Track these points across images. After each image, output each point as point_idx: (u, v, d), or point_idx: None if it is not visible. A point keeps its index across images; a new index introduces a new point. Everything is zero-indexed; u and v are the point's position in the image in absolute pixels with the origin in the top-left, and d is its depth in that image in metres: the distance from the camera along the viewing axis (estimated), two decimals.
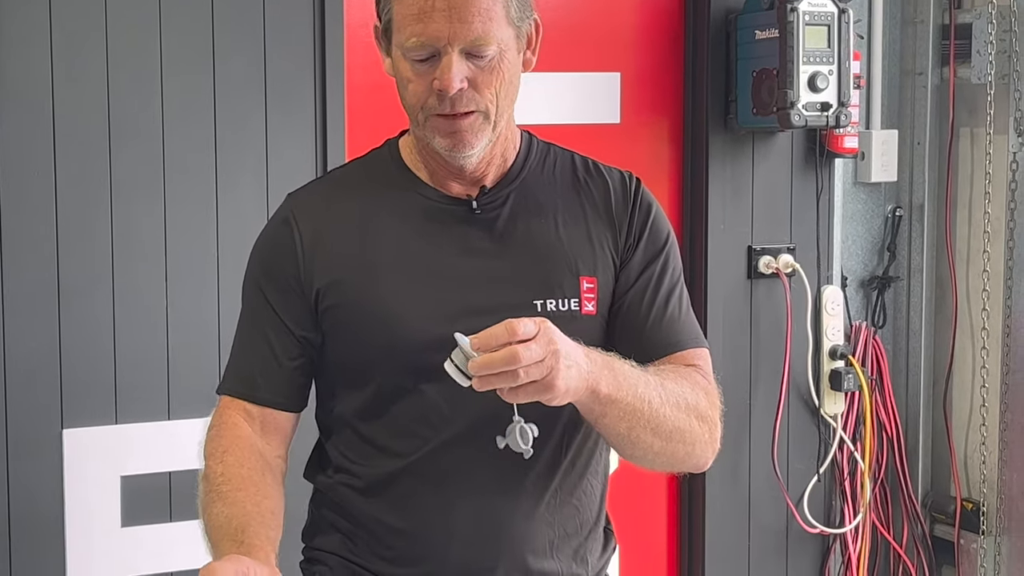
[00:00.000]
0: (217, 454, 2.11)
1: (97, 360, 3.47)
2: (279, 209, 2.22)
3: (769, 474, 4.24)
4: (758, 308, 4.23)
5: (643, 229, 2.17)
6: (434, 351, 2.00)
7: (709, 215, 4.14)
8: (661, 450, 2.05)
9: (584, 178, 2.20)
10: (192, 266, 3.55)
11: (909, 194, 4.50)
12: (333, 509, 2.19)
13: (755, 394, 4.23)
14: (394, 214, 2.14)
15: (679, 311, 2.19)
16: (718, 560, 4.22)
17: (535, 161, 2.19)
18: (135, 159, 3.48)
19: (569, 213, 2.16)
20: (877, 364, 4.44)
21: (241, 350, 2.21)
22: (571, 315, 2.10)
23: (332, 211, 2.16)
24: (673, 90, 4.19)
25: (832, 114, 3.95)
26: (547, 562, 2.13)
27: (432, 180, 2.15)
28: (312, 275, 2.12)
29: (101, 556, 3.51)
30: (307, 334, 2.14)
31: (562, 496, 2.14)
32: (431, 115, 2.04)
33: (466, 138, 2.05)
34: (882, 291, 4.51)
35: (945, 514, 4.48)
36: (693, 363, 2.16)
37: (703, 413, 2.09)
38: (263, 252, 2.21)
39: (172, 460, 3.54)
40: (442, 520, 2.09)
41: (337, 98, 3.67)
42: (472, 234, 2.12)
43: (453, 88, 1.99)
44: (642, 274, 2.16)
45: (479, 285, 2.09)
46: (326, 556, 2.20)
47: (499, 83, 2.03)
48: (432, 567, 2.10)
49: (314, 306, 2.12)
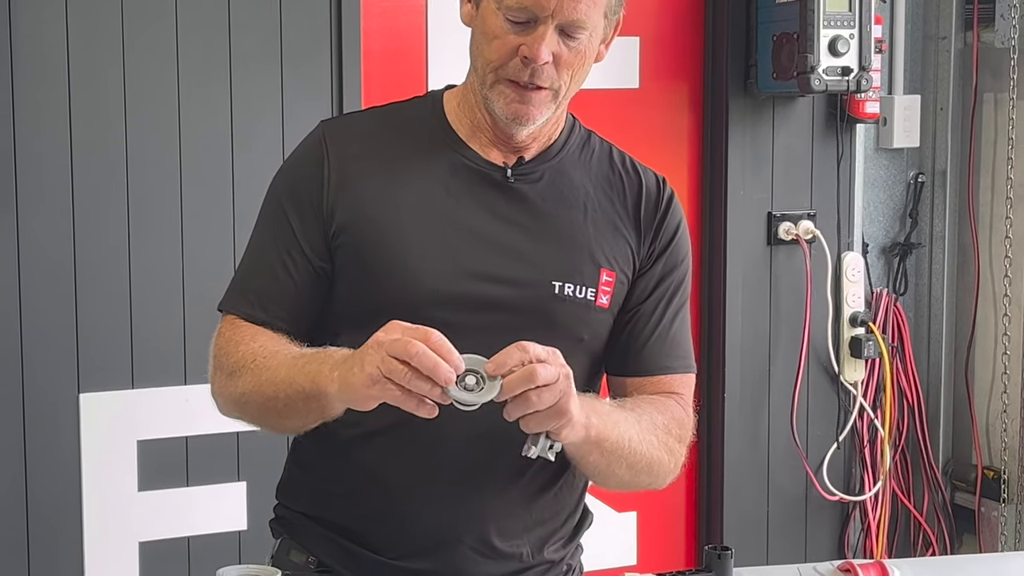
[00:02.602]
0: (245, 340, 2.04)
1: (114, 324, 3.47)
2: (311, 132, 2.16)
3: (788, 441, 4.22)
4: (778, 275, 4.21)
5: (668, 242, 2.16)
6: (442, 308, 1.97)
7: (728, 181, 4.11)
8: (629, 481, 2.08)
9: (620, 173, 2.17)
10: (208, 231, 3.54)
11: (931, 160, 4.47)
12: (310, 464, 2.15)
13: (774, 361, 4.21)
14: (425, 165, 2.10)
15: (681, 333, 2.18)
16: (737, 527, 4.21)
17: (575, 145, 2.16)
18: (151, 126, 3.47)
19: (599, 204, 2.13)
20: (898, 331, 4.41)
21: (252, 267, 2.13)
22: (585, 304, 2.08)
23: (364, 147, 2.11)
24: (692, 55, 4.16)
25: (853, 79, 3.91)
26: (513, 545, 2.10)
27: (471, 140, 2.11)
28: (335, 206, 2.06)
29: (118, 521, 3.51)
30: (323, 264, 2.07)
31: (542, 481, 2.11)
32: (504, 79, 2.01)
33: (531, 111, 2.02)
34: (904, 258, 4.48)
35: (966, 482, 4.46)
36: (677, 391, 2.16)
37: (672, 447, 2.09)
38: (290, 172, 2.14)
39: (189, 424, 3.54)
40: (421, 483, 2.04)
41: (353, 65, 3.65)
42: (501, 202, 2.09)
43: (542, 60, 1.97)
44: (656, 288, 2.15)
45: (499, 253, 2.06)
46: (295, 516, 2.16)
47: (578, 67, 2.02)
48: (400, 529, 2.06)
49: (330, 238, 2.07)
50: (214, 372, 2.09)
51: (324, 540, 2.12)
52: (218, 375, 2.08)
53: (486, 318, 2.02)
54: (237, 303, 2.11)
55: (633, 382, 2.15)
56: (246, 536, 3.62)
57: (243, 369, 2.01)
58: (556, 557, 2.17)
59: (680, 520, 4.28)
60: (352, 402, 1.86)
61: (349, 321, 2.06)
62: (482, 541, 2.08)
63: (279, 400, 1.96)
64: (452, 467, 2.04)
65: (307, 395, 1.92)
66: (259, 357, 2.01)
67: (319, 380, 1.89)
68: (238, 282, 2.14)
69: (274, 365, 1.98)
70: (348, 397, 1.85)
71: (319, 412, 1.94)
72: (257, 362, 2.00)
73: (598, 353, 2.14)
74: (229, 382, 2.04)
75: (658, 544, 4.23)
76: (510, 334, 1.91)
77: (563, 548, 2.18)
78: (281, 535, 2.18)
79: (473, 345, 1.83)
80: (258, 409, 2.01)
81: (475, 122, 2.10)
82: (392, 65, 3.76)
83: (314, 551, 2.13)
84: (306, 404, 1.93)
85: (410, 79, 3.75)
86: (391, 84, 3.68)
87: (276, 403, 1.97)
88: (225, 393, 2.06)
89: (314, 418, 1.96)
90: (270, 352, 2.01)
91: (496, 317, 2.03)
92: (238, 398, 2.03)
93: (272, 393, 1.97)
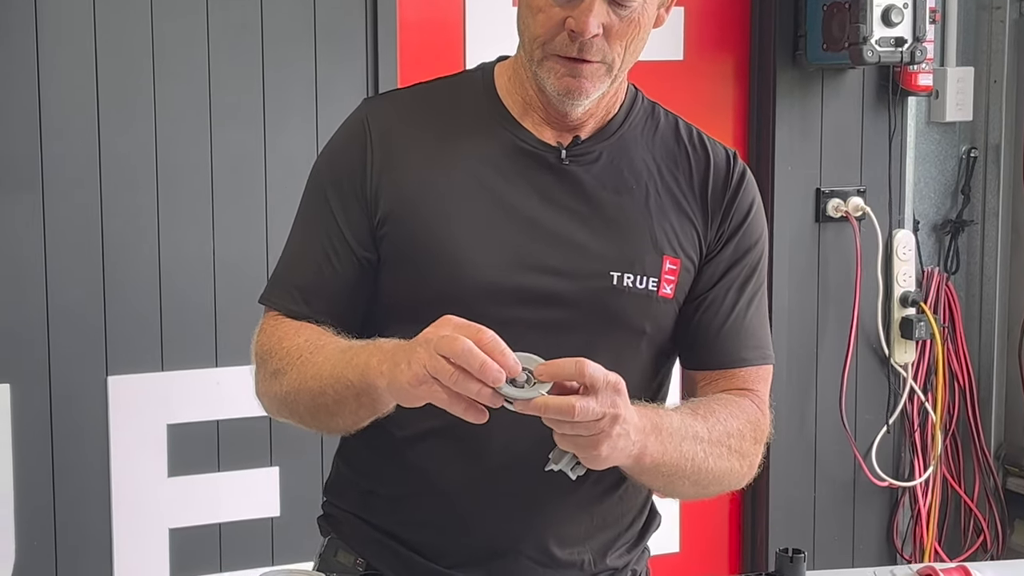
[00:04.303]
0: (289, 335, 1.93)
1: (143, 305, 3.40)
2: (353, 113, 2.04)
3: (836, 425, 4.12)
4: (826, 253, 4.09)
5: (741, 223, 2.01)
6: (494, 302, 1.85)
7: (776, 156, 4.00)
8: (695, 494, 1.97)
9: (687, 148, 2.02)
10: (240, 210, 3.46)
11: (984, 134, 4.34)
12: (359, 464, 2.04)
13: (822, 342, 4.09)
14: (475, 146, 1.97)
15: (756, 321, 2.04)
16: (783, 513, 4.11)
17: (637, 119, 2.02)
18: (181, 102, 3.40)
19: (662, 184, 1.99)
20: (949, 311, 4.30)
21: (294, 259, 2.01)
22: (647, 295, 1.94)
23: (409, 128, 1.98)
24: (739, 25, 4.04)
25: (907, 50, 3.80)
26: (574, 553, 1.99)
27: (523, 118, 1.97)
28: (379, 193, 1.94)
29: (147, 507, 3.45)
30: (368, 255, 1.95)
31: (607, 484, 1.98)
32: (552, 54, 1.87)
33: (584, 86, 1.88)
34: (955, 235, 4.35)
35: (1019, 467, 4.35)
36: (752, 387, 2.03)
37: (745, 451, 1.97)
38: (332, 155, 2.02)
39: (219, 408, 3.47)
40: (476, 488, 1.93)
41: (389, 36, 3.56)
42: (555, 186, 1.95)
43: (589, 33, 1.83)
44: (727, 273, 2.01)
45: (554, 242, 1.93)
46: (344, 515, 2.07)
47: (632, 36, 1.88)
48: (454, 537, 1.96)
49: (375, 227, 1.95)
50: (258, 371, 1.98)
51: (373, 542, 2.02)
52: (262, 374, 1.96)
53: (541, 313, 1.90)
54: (279, 298, 2.00)
55: (706, 376, 2.02)
56: (279, 523, 3.56)
57: (288, 366, 1.90)
58: (620, 564, 2.05)
59: (724, 505, 4.18)
60: (400, 400, 1.75)
61: (397, 316, 1.94)
62: (541, 550, 1.96)
63: (328, 396, 1.85)
64: (509, 471, 1.92)
65: (357, 390, 1.80)
66: (305, 352, 1.89)
67: (368, 374, 1.77)
68: (280, 275, 2.02)
69: (320, 360, 1.87)
70: (396, 394, 1.74)
71: (371, 408, 1.82)
72: (303, 358, 1.89)
73: (664, 346, 2.01)
74: (274, 381, 1.93)
75: (702, 530, 4.13)
76: (567, 330, 1.80)
77: (628, 553, 2.06)
78: (329, 534, 2.09)
79: (527, 342, 1.70)
80: (307, 408, 1.90)
81: (527, 99, 1.97)
82: (429, 40, 3.68)
83: (363, 553, 2.03)
84: (357, 400, 1.82)
85: (447, 55, 3.66)
86: (428, 60, 3.61)
87: (325, 399, 1.85)
88: (271, 393, 1.95)
89: (366, 414, 1.85)
90: (316, 347, 1.89)
91: (551, 312, 1.90)
92: (284, 396, 1.92)
93: (319, 389, 1.85)
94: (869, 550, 4.23)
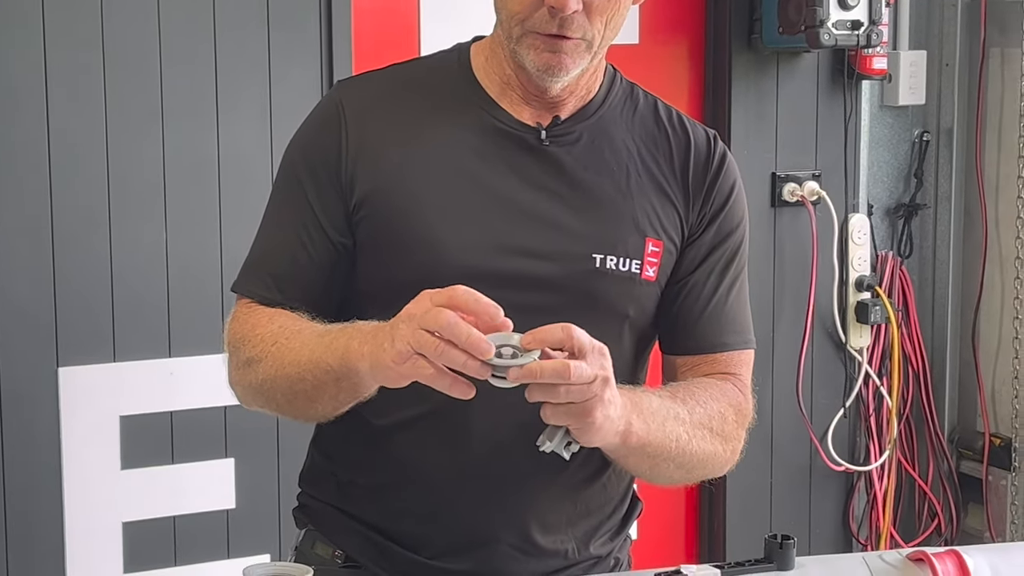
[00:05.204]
0: (263, 322, 1.89)
1: (94, 296, 3.34)
2: (327, 96, 2.00)
3: (793, 410, 4.11)
4: (782, 238, 4.09)
5: (722, 206, 1.98)
6: (474, 286, 1.81)
7: (732, 140, 3.98)
8: (680, 478, 1.94)
9: (667, 130, 1.99)
10: (193, 200, 3.41)
11: (937, 118, 4.34)
12: (336, 454, 2.00)
13: (779, 327, 4.08)
14: (452, 128, 1.93)
15: (737, 305, 2.01)
16: (740, 497, 4.10)
17: (616, 100, 1.98)
18: (132, 92, 3.34)
19: (643, 165, 1.95)
20: (903, 295, 4.30)
21: (267, 245, 1.96)
22: (630, 277, 1.91)
23: (385, 110, 1.94)
24: (694, 8, 4.03)
25: (863, 33, 3.80)
26: (557, 540, 1.95)
27: (501, 98, 1.94)
28: (355, 177, 1.90)
29: (100, 500, 3.40)
30: (344, 240, 1.91)
31: (590, 471, 1.95)
32: (530, 31, 1.83)
33: (564, 61, 1.83)
34: (908, 219, 4.36)
35: (972, 450, 4.35)
36: (734, 371, 2.00)
37: (729, 434, 1.95)
38: (305, 139, 1.97)
39: (173, 399, 3.43)
40: (457, 477, 1.89)
41: (343, 26, 3.52)
42: (535, 167, 1.91)
43: (570, 9, 1.78)
44: (708, 257, 1.98)
45: (534, 224, 1.89)
46: (321, 506, 2.02)
47: (613, 12, 1.83)
48: (435, 527, 1.92)
49: (351, 212, 1.91)
50: (230, 360, 1.93)
51: (352, 533, 1.97)
52: (235, 363, 1.91)
53: (522, 296, 1.85)
54: (252, 285, 1.95)
55: (687, 361, 1.99)
56: (234, 515, 3.52)
57: (263, 354, 1.85)
58: (603, 551, 2.01)
59: (680, 490, 4.15)
60: (384, 380, 1.70)
61: (374, 301, 1.89)
62: (523, 538, 1.92)
63: (307, 382, 1.80)
64: (490, 460, 1.88)
65: (338, 375, 1.76)
66: (280, 339, 1.85)
67: (349, 357, 1.73)
68: (252, 262, 1.97)
69: (297, 345, 1.82)
70: (380, 375, 1.70)
71: (351, 392, 1.78)
72: (279, 344, 1.84)
73: (646, 330, 1.98)
74: (248, 369, 1.88)
75: (659, 515, 4.11)
76: (549, 313, 1.76)
77: (611, 541, 2.03)
78: (306, 526, 2.03)
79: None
80: (284, 395, 1.85)
81: (505, 78, 1.93)
82: (384, 30, 3.64)
83: (341, 544, 1.98)
84: (337, 384, 1.77)
85: (403, 44, 3.63)
86: (383, 50, 3.55)
87: (304, 385, 1.81)
88: (244, 382, 1.90)
89: (346, 398, 1.80)
90: (292, 332, 1.85)
91: (533, 295, 1.86)
92: (260, 385, 1.87)
93: (298, 375, 1.81)
94: (825, 534, 4.23)
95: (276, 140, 3.38)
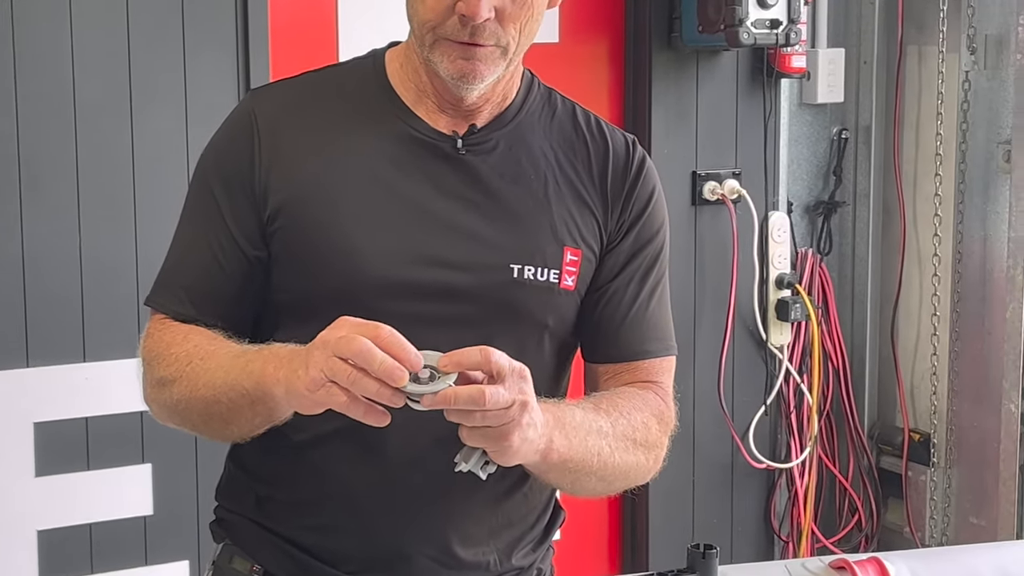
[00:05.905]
0: (177, 341, 1.85)
1: (5, 299, 3.27)
2: (240, 105, 1.96)
3: (715, 408, 4.11)
4: (703, 236, 4.09)
5: (641, 212, 1.96)
6: (391, 298, 1.78)
7: (652, 139, 3.97)
8: (603, 490, 1.93)
9: (585, 136, 1.97)
10: (107, 202, 3.34)
11: (855, 115, 4.36)
12: (254, 468, 1.96)
13: (700, 325, 4.08)
14: (368, 136, 1.89)
15: (658, 313, 2.00)
16: (662, 498, 4.09)
17: (534, 106, 1.96)
18: (43, 83, 3.27)
19: (561, 172, 1.93)
20: (823, 292, 4.32)
21: (179, 259, 1.92)
22: (548, 287, 1.89)
23: (298, 118, 1.91)
24: (614, 7, 4.01)
25: (782, 32, 3.80)
26: (479, 553, 1.93)
27: (416, 106, 1.91)
28: (268, 188, 1.86)
29: (14, 508, 3.33)
30: (258, 253, 1.87)
31: (510, 482, 1.93)
32: (442, 39, 1.80)
33: (478, 69, 1.80)
34: (828, 217, 4.38)
35: (892, 445, 4.38)
36: (656, 378, 1.99)
37: (652, 443, 1.93)
38: (217, 149, 1.93)
39: (89, 404, 3.37)
40: (375, 491, 1.87)
41: (260, 25, 3.46)
42: (451, 176, 1.89)
43: (481, 17, 1.76)
44: (628, 264, 1.96)
45: (451, 235, 1.86)
46: (239, 519, 1.98)
47: (527, 18, 1.81)
48: (354, 542, 1.89)
49: (265, 223, 1.87)
50: (145, 377, 1.89)
51: (270, 547, 1.94)
52: (150, 381, 1.88)
53: (441, 308, 1.83)
54: (165, 300, 1.91)
55: (608, 369, 1.98)
56: (152, 521, 3.47)
57: (178, 374, 1.82)
58: (526, 563, 1.99)
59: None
60: (299, 407, 1.68)
61: (291, 314, 1.87)
62: (443, 550, 1.90)
63: (221, 405, 1.77)
64: (408, 473, 1.86)
65: (252, 398, 1.73)
66: (195, 359, 1.81)
67: (264, 381, 1.70)
68: (165, 276, 1.93)
69: (212, 367, 1.79)
70: (294, 402, 1.67)
71: (267, 416, 1.75)
72: (193, 364, 1.81)
73: (566, 339, 1.96)
74: (163, 389, 1.84)
75: (582, 516, 4.09)
76: (467, 324, 1.75)
77: (533, 552, 2.01)
78: (223, 540, 1.99)
79: (426, 338, 1.64)
80: (199, 416, 1.81)
81: (420, 86, 1.90)
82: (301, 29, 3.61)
83: (260, 559, 1.94)
84: (252, 408, 1.74)
85: (320, 43, 3.60)
86: (300, 49, 3.53)
87: (219, 408, 1.77)
88: (160, 400, 1.87)
89: (262, 422, 1.77)
90: (207, 353, 1.81)
91: (451, 306, 1.85)
92: (175, 405, 1.83)
93: (212, 398, 1.77)
94: (748, 532, 4.23)
95: (192, 140, 3.33)
